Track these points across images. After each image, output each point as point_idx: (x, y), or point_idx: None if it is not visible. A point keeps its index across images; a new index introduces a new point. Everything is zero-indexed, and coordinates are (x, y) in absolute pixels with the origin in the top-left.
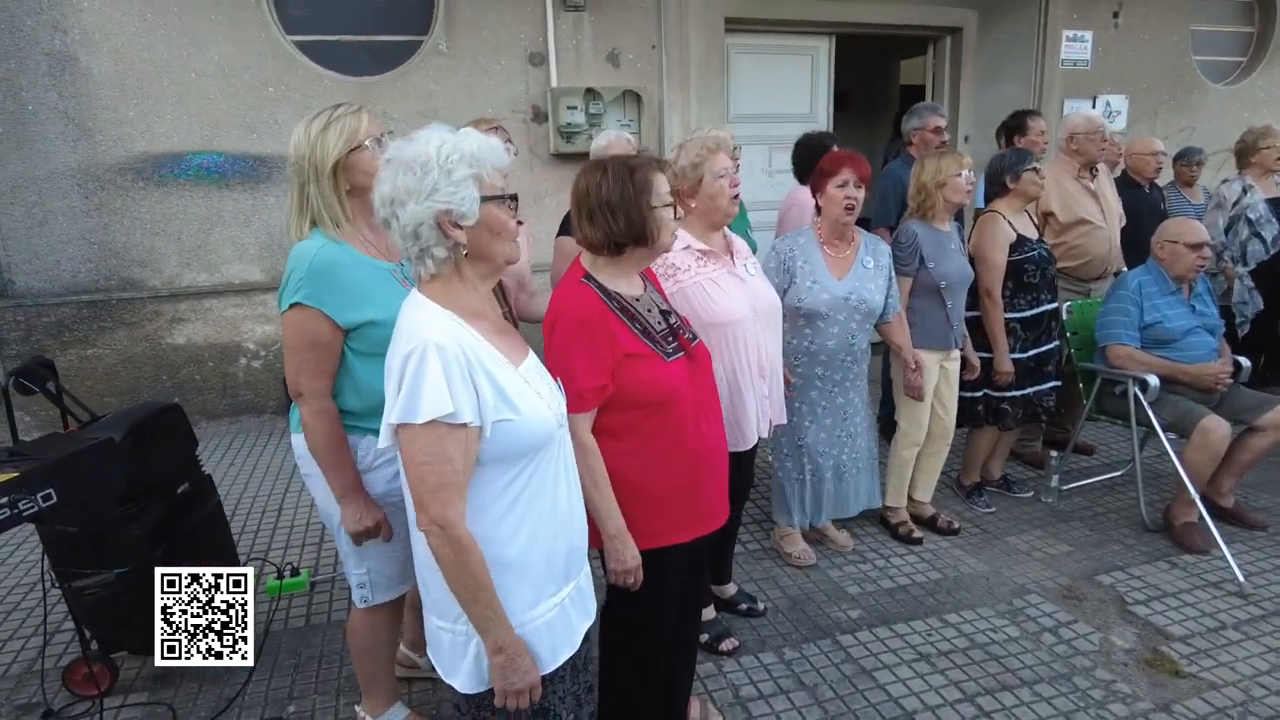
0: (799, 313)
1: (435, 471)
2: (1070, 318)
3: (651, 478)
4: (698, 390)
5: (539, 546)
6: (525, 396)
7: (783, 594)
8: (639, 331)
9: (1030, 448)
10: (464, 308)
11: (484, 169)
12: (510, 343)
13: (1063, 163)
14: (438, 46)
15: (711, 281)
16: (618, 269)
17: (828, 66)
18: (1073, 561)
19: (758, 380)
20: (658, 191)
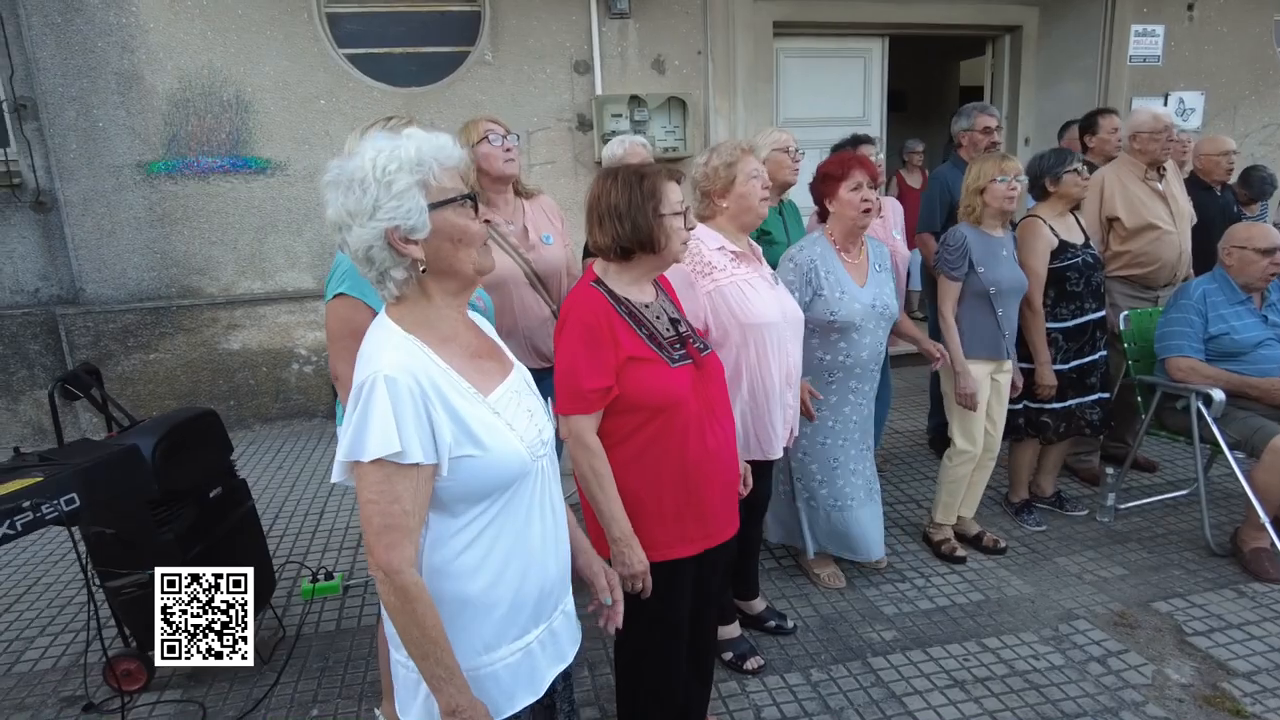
0: (833, 326)
1: (381, 512)
2: (1128, 327)
3: (651, 486)
4: (704, 400)
5: (504, 585)
6: (493, 431)
7: (814, 612)
8: (645, 336)
9: (1086, 463)
10: (431, 332)
11: (429, 173)
12: (484, 368)
13: (1127, 164)
14: (483, 57)
15: (746, 283)
16: (629, 275)
17: (881, 68)
18: (1127, 586)
19: (784, 388)
20: (667, 199)
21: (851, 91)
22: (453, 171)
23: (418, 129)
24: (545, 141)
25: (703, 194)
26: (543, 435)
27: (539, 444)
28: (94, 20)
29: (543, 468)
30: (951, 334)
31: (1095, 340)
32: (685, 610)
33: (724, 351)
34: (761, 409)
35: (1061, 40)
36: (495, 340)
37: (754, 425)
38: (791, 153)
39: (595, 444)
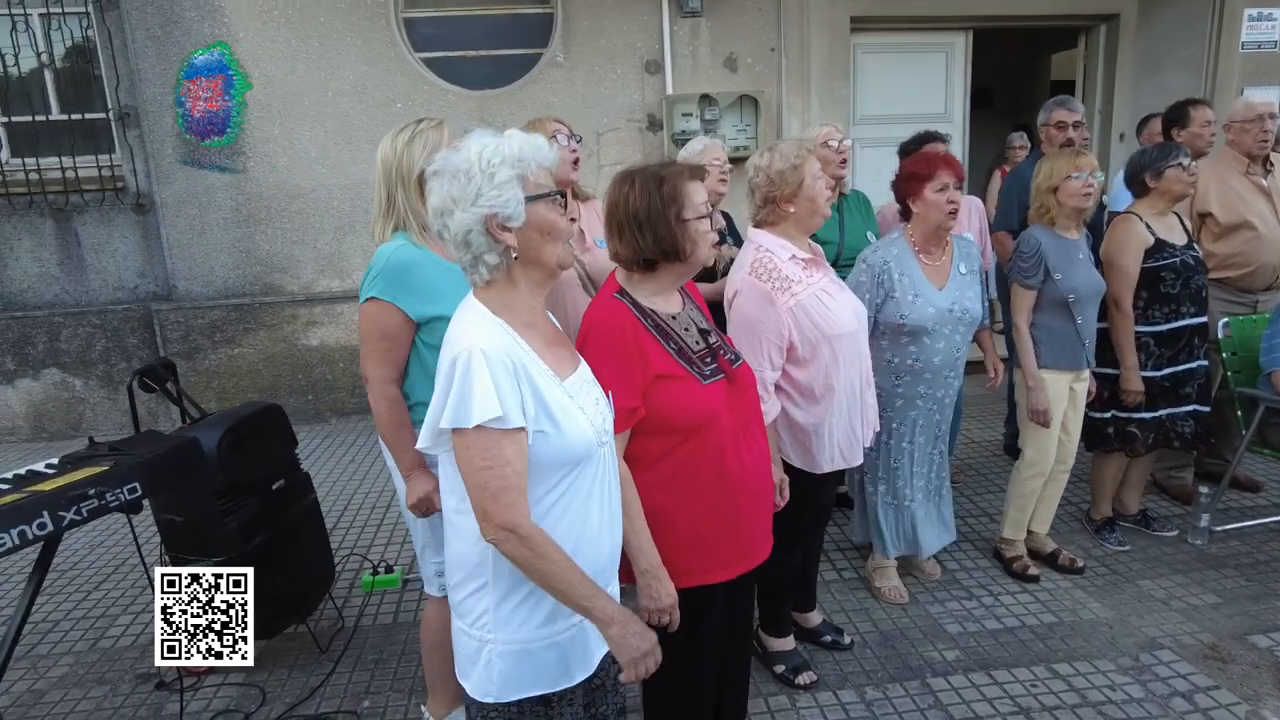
0: (902, 329)
1: (496, 475)
2: (1228, 335)
3: (686, 510)
4: (738, 415)
5: (574, 552)
6: (567, 411)
7: (874, 628)
8: (674, 351)
9: (1178, 480)
10: (515, 317)
11: (528, 169)
12: (560, 355)
13: (1227, 157)
14: (555, 58)
15: (824, 291)
16: (654, 285)
17: (964, 63)
18: (1221, 616)
19: (865, 391)
20: (690, 202)
21: (932, 87)
22: (548, 170)
23: (519, 131)
24: (615, 142)
25: (765, 199)
26: (606, 424)
27: (604, 431)
28: (190, 31)
29: (605, 454)
30: (1025, 346)
31: (1193, 347)
32: (717, 634)
33: (812, 367)
34: (846, 419)
35: (1163, 28)
36: (564, 334)
37: (840, 436)
38: (834, 146)
39: (621, 469)
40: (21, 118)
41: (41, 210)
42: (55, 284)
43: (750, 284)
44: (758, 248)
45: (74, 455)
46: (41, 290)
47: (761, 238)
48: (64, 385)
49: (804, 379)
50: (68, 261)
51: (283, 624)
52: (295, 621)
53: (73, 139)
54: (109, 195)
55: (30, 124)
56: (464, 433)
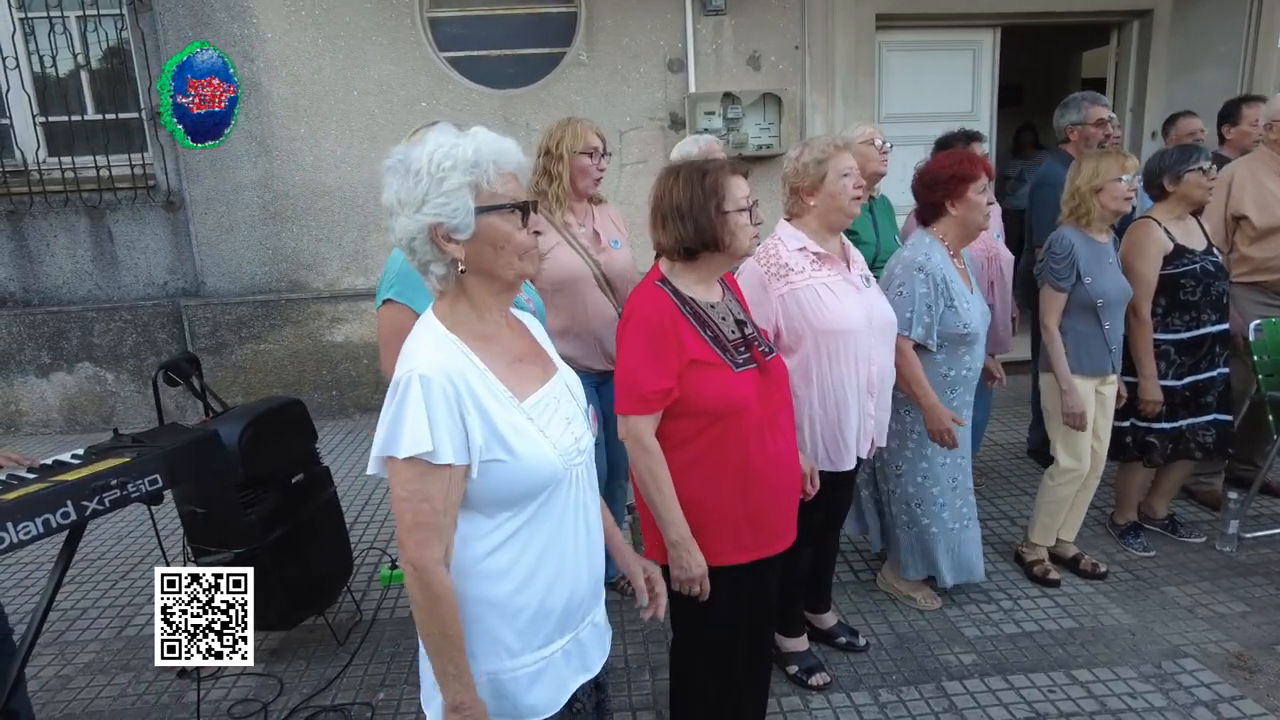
0: (964, 338)
1: (413, 510)
2: (1260, 338)
3: (709, 492)
4: (767, 405)
5: (531, 592)
6: (525, 436)
7: (890, 630)
8: (710, 339)
9: (1207, 486)
10: (470, 331)
11: (483, 175)
12: (523, 371)
13: (1264, 156)
14: (578, 57)
15: (825, 287)
16: (695, 274)
17: (992, 61)
18: (1249, 624)
19: (865, 397)
20: (731, 195)
21: (959, 86)
22: (508, 177)
23: (484, 129)
24: (638, 141)
25: (791, 190)
26: (580, 444)
27: (574, 452)
28: (220, 32)
29: (578, 476)
30: (1057, 348)
31: (1214, 355)
32: (744, 618)
33: (794, 357)
34: (832, 418)
35: (1200, 24)
36: (541, 343)
37: (823, 434)
38: (879, 145)
39: (654, 446)
40: (58, 118)
41: (76, 208)
42: (89, 280)
43: (750, 267)
44: (772, 236)
45: (99, 446)
46: (76, 286)
47: (781, 228)
48: (96, 379)
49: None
50: (101, 258)
51: (301, 615)
52: (314, 613)
53: (106, 138)
54: (140, 193)
55: (67, 124)
56: (393, 461)
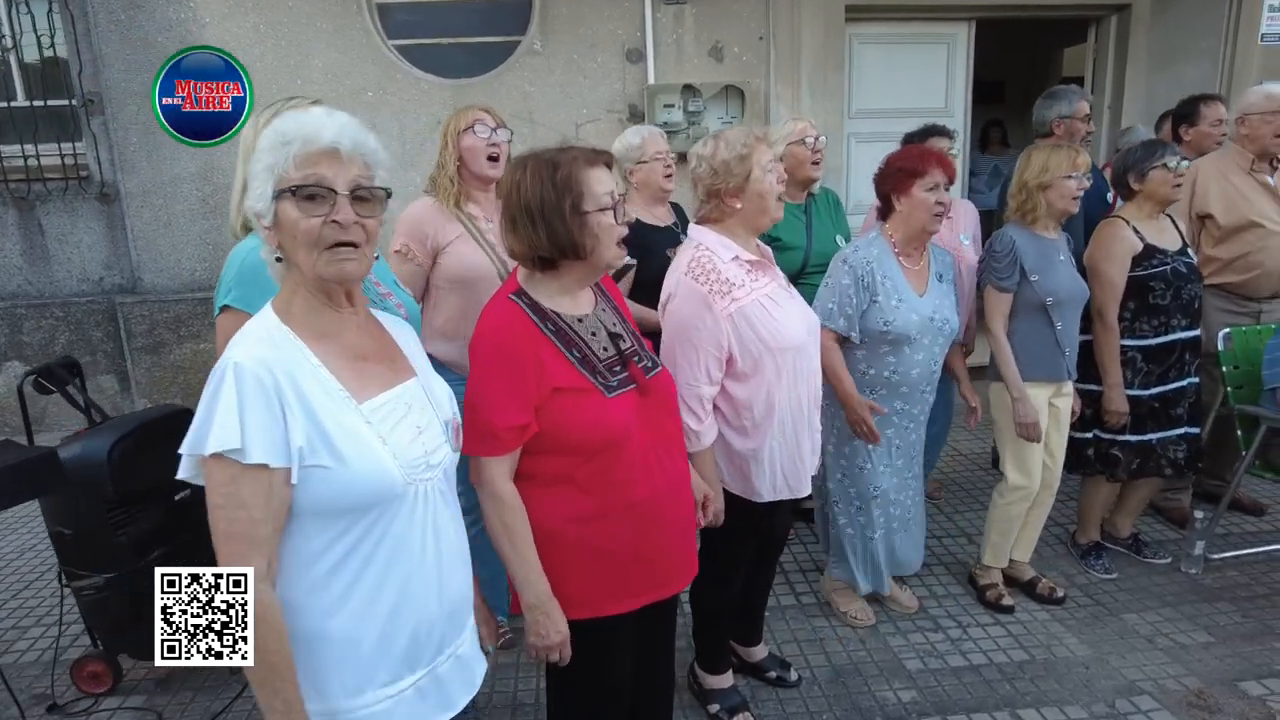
0: (886, 337)
1: (226, 518)
2: (1229, 347)
3: (588, 535)
4: (652, 430)
5: (371, 624)
6: (359, 442)
7: (826, 662)
8: (576, 360)
9: (1174, 502)
10: (307, 325)
11: (283, 157)
12: (367, 371)
13: (1232, 153)
14: (532, 46)
15: (770, 299)
16: (557, 284)
17: (966, 55)
18: (1211, 657)
19: (812, 412)
20: (591, 192)
21: (933, 80)
22: (316, 158)
23: (320, 107)
24: (595, 134)
25: (709, 193)
26: (431, 457)
27: (423, 465)
28: (154, 15)
29: (428, 492)
30: (1005, 354)
31: (1184, 363)
32: (626, 669)
33: (753, 383)
34: (791, 444)
35: (1179, 19)
36: (403, 347)
37: (783, 462)
38: (810, 144)
39: (508, 492)
40: None
41: (4, 199)
42: (18, 275)
43: (687, 286)
44: (697, 246)
45: None
46: (4, 281)
47: (702, 236)
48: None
49: (743, 396)
50: (31, 252)
51: None
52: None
53: (36, 126)
54: (73, 184)
55: None
56: (205, 461)
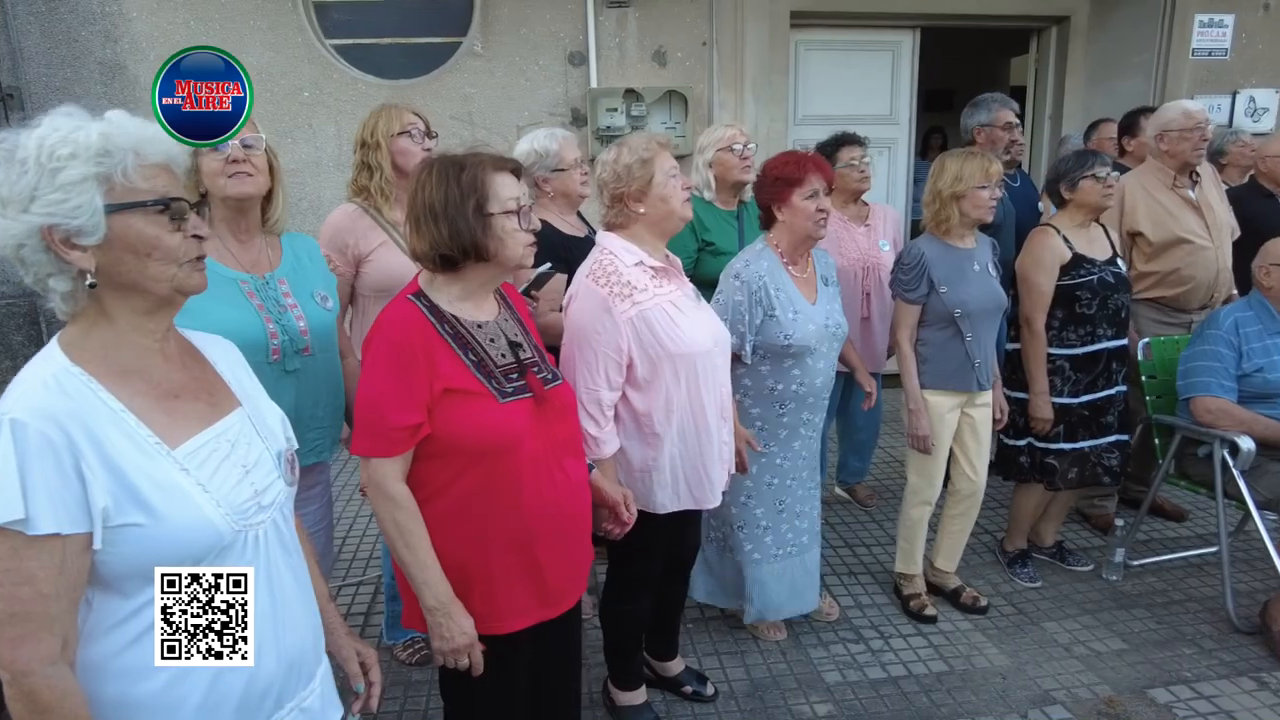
0: (788, 351)
1: (7, 596)
2: (1149, 357)
3: (475, 547)
4: (546, 440)
5: (189, 685)
6: (173, 494)
7: (745, 675)
8: (471, 363)
9: (1100, 509)
10: (107, 363)
11: (118, 166)
12: (181, 410)
13: (1153, 169)
14: (473, 48)
15: (672, 304)
16: (458, 287)
17: (911, 63)
18: (1124, 665)
19: (720, 422)
20: (496, 195)
21: (878, 87)
22: (155, 170)
23: (122, 113)
24: None
25: (613, 198)
26: (262, 498)
27: (253, 508)
28: (77, 9)
29: (260, 536)
30: (907, 364)
31: (1112, 372)
32: (523, 687)
33: (652, 391)
34: (694, 452)
35: (1116, 31)
36: (224, 373)
37: (685, 472)
38: (739, 150)
39: (401, 493)
40: None
41: None
42: None
43: (587, 289)
44: (601, 250)
45: None
46: None
47: (608, 240)
48: None
49: (642, 405)
50: None
51: None
52: None
53: None
54: None
55: None
56: None
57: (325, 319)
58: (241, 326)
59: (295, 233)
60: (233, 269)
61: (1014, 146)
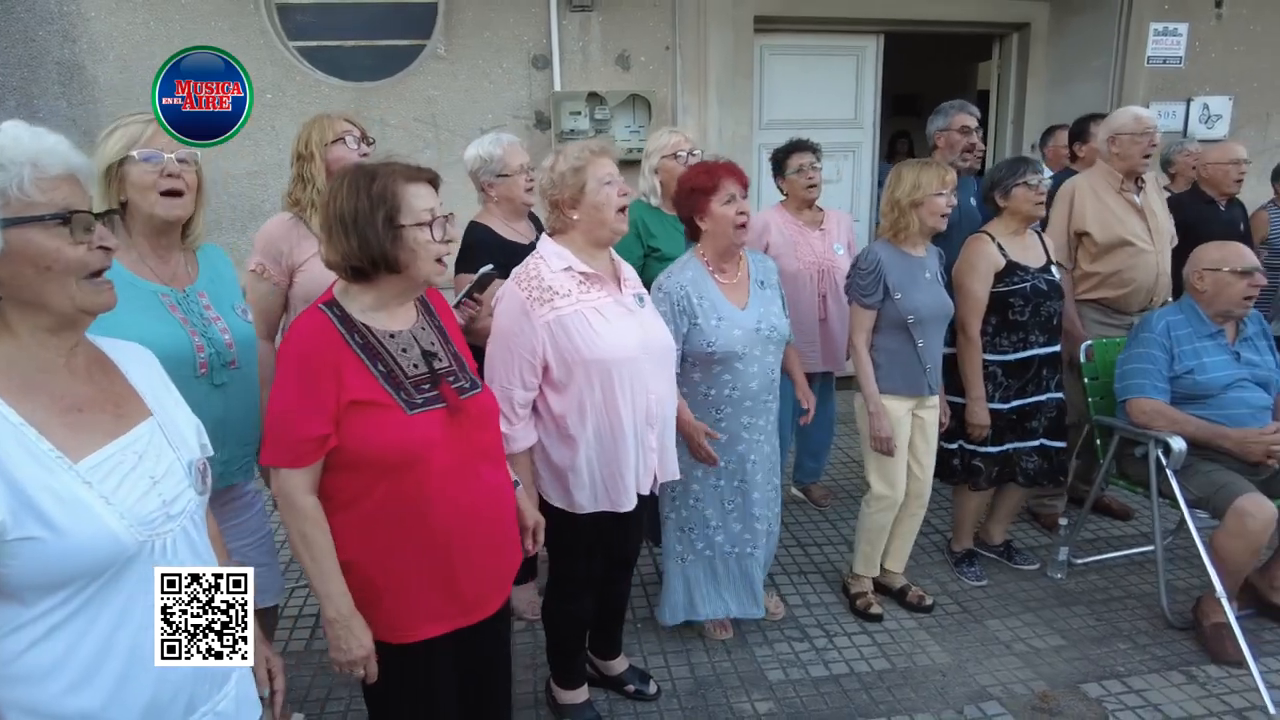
0: (712, 358)
1: None
2: (1091, 359)
3: (387, 557)
4: (462, 450)
5: (94, 690)
6: (74, 507)
7: (690, 673)
8: (380, 374)
9: (1049, 509)
10: (9, 376)
11: (12, 180)
12: (84, 423)
13: (1103, 172)
14: (436, 50)
15: (595, 311)
16: (373, 297)
17: (875, 67)
18: (1061, 660)
19: (644, 429)
20: (408, 207)
21: (844, 92)
22: (55, 182)
23: (19, 124)
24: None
25: (551, 204)
26: (170, 507)
27: (160, 518)
28: (34, 8)
29: (168, 544)
30: (864, 368)
31: (1042, 379)
32: (447, 693)
33: (567, 393)
34: (610, 456)
35: (1075, 38)
36: (133, 384)
37: (602, 474)
38: (683, 157)
39: (307, 505)
40: None
41: None
42: None
43: (510, 292)
44: (534, 255)
45: None
46: None
47: (543, 245)
48: None
49: (558, 407)
50: None
51: None
52: None
53: None
54: None
55: None
56: None
57: (248, 331)
58: (167, 340)
59: (208, 244)
60: (153, 282)
61: (972, 151)
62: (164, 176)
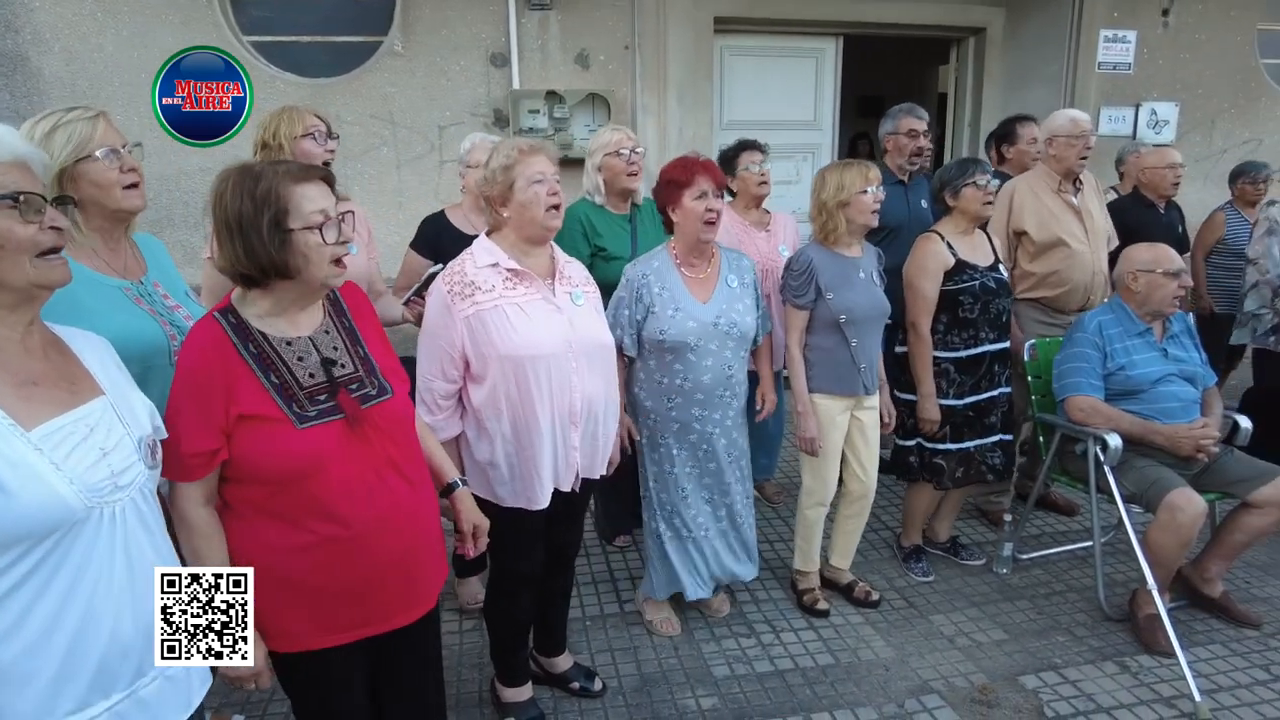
0: (663, 346)
1: None
2: (1034, 358)
3: (288, 568)
4: (365, 459)
5: (47, 654)
6: (25, 470)
7: (636, 670)
8: (272, 386)
9: (996, 505)
10: None
11: None
12: (37, 396)
13: (1042, 173)
14: (393, 47)
15: (517, 307)
16: (270, 303)
17: (835, 69)
18: (1001, 654)
19: (566, 427)
20: (297, 209)
21: (803, 93)
22: (5, 168)
23: None
24: (459, 137)
25: (486, 200)
26: (119, 478)
27: (109, 487)
28: None
29: (116, 513)
30: (796, 368)
31: (994, 374)
32: (357, 701)
33: (485, 388)
34: (526, 451)
35: (1029, 43)
36: (87, 366)
37: (519, 469)
38: (626, 155)
39: (198, 518)
40: None
41: None
42: None
43: (437, 286)
44: (466, 251)
45: None
46: None
47: (477, 242)
48: None
49: (476, 400)
50: None
51: None
52: None
53: None
54: None
55: None
56: None
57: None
58: (141, 333)
59: (141, 233)
60: (111, 277)
61: (920, 154)
62: (125, 172)
